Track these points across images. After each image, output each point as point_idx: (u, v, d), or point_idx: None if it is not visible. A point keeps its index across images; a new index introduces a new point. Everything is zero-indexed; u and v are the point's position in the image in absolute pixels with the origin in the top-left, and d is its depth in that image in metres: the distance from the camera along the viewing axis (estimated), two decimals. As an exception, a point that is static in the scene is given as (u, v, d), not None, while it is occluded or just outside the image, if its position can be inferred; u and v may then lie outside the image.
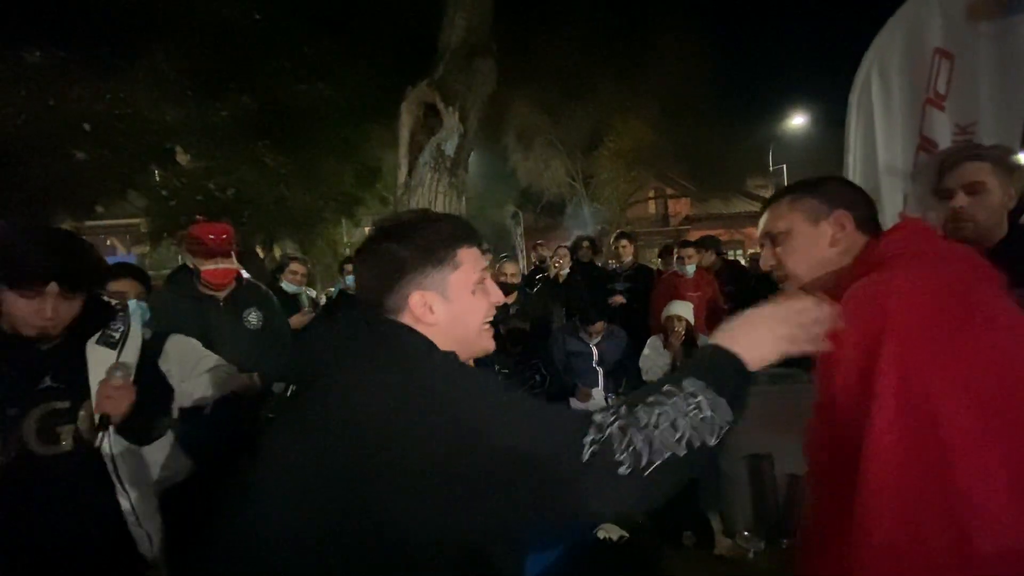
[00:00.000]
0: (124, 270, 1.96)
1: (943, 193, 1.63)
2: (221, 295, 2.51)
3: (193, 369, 2.09)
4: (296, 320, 3.30)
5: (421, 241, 0.84)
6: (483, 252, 0.91)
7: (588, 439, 0.66)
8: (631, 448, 0.65)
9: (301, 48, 6.80)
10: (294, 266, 3.86)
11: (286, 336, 2.81)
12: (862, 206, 1.03)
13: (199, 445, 2.06)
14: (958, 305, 0.82)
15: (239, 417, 2.23)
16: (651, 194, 22.02)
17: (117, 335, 1.48)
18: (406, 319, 0.84)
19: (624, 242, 4.72)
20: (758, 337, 0.78)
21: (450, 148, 5.52)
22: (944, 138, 2.63)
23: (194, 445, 2.05)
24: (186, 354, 2.09)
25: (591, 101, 14.62)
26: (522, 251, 16.88)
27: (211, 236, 2.44)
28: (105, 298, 1.58)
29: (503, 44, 7.20)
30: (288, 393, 0.87)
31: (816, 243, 1.02)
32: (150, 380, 1.59)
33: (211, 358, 2.15)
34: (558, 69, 13.24)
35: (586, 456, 0.65)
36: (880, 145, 2.79)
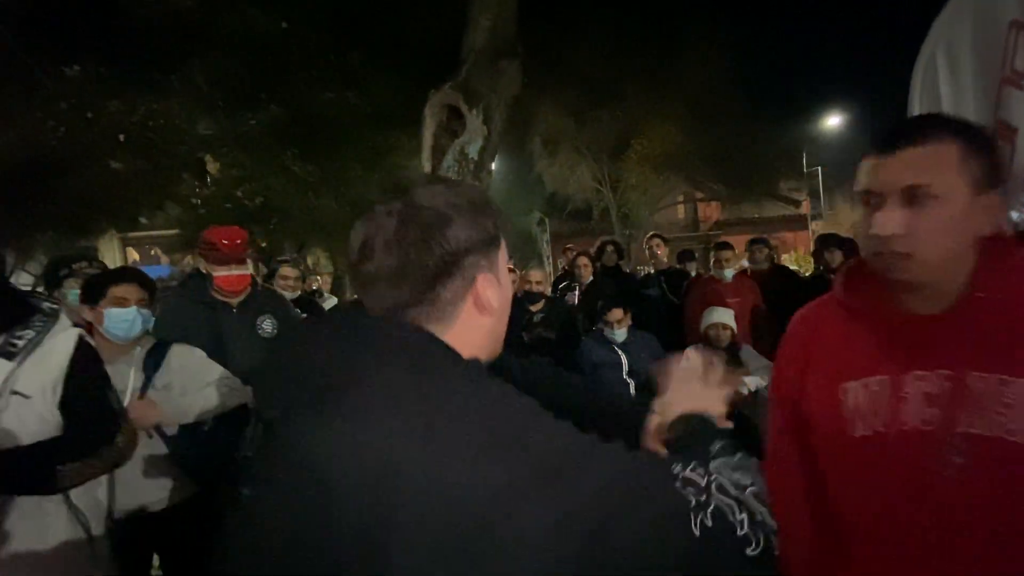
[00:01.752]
0: (128, 275, 1.86)
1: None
2: (235, 301, 2.41)
3: (194, 381, 1.98)
4: None
5: (477, 210, 0.68)
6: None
7: (691, 504, 0.54)
8: (752, 518, 0.55)
9: (327, 56, 6.84)
10: (285, 271, 3.56)
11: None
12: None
13: (199, 463, 1.95)
14: None
15: (241, 434, 2.11)
16: (680, 199, 21.53)
17: (21, 343, 1.20)
18: (466, 311, 0.67)
19: (657, 240, 4.52)
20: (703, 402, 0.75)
21: (473, 151, 5.41)
22: (1025, 122, 2.33)
23: (193, 463, 1.94)
24: (188, 365, 1.98)
25: (618, 105, 14.40)
26: (548, 257, 16.72)
27: (224, 241, 2.35)
28: (38, 298, 1.33)
29: (528, 48, 7.11)
30: (270, 421, 0.64)
31: (968, 225, 0.75)
32: (79, 408, 1.28)
33: (215, 370, 2.04)
34: (584, 73, 13.09)
35: (697, 529, 0.52)
36: (949, 132, 2.51)
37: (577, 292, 4.31)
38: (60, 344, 1.27)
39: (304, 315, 3.36)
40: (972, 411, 0.76)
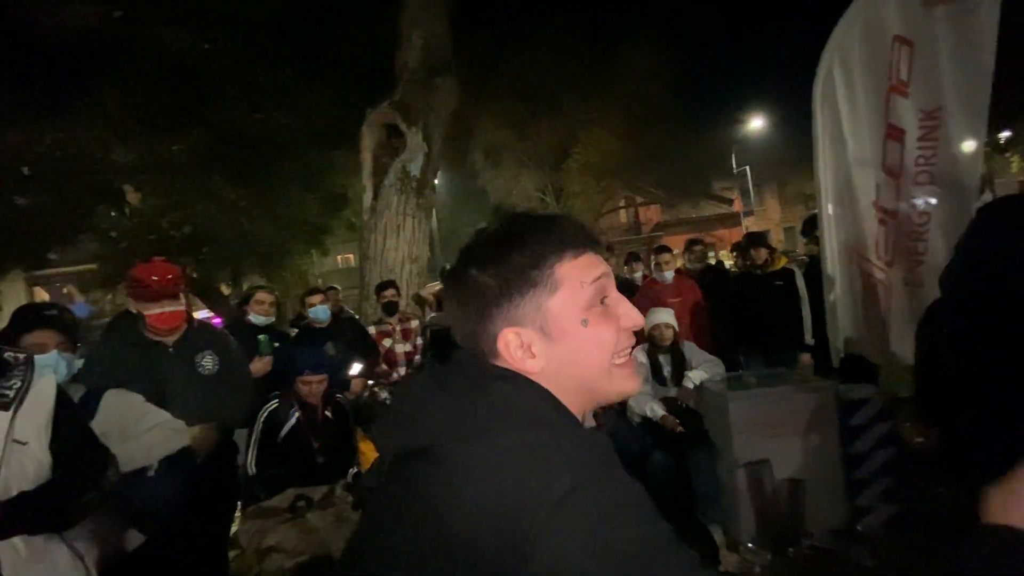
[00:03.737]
0: (41, 320, 1.74)
1: None
2: (170, 340, 2.29)
3: (134, 427, 1.87)
4: (256, 367, 2.93)
5: (506, 260, 0.62)
6: (601, 256, 0.67)
7: None
8: None
9: (255, 77, 6.61)
10: (260, 295, 3.48)
11: (246, 380, 2.60)
12: None
13: (146, 512, 1.84)
14: None
15: (191, 476, 2.01)
16: (622, 203, 22.27)
17: (12, 393, 1.28)
18: (503, 363, 0.63)
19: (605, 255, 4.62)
20: None
21: (415, 168, 5.41)
22: (911, 124, 2.62)
23: (140, 513, 1.83)
24: (125, 411, 1.88)
25: (557, 115, 14.76)
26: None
27: (154, 278, 2.23)
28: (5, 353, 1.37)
29: (465, 62, 7.18)
30: (392, 461, 0.66)
31: None
32: (72, 446, 1.39)
33: (155, 413, 1.94)
34: (522, 85, 13.36)
35: None
36: (848, 136, 2.77)
37: None
38: (44, 389, 1.36)
39: (275, 344, 3.20)
40: None
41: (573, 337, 0.62)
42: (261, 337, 3.08)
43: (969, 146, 2.56)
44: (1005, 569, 0.57)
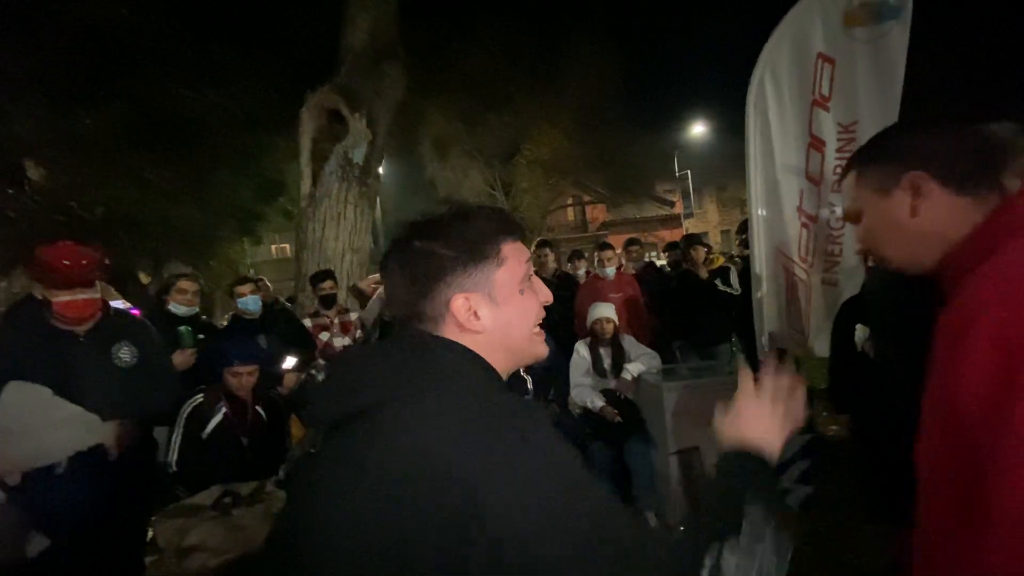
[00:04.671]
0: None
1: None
2: (81, 329, 2.10)
3: (40, 422, 1.71)
4: (178, 360, 2.76)
5: (460, 236, 0.72)
6: (526, 245, 0.79)
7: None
8: None
9: (184, 50, 6.12)
10: (183, 284, 3.24)
11: (167, 373, 2.43)
12: (948, 157, 0.79)
13: (53, 512, 1.69)
14: None
15: (104, 475, 1.86)
16: (569, 201, 22.61)
17: None
18: (448, 327, 0.72)
19: (546, 251, 4.63)
20: (767, 429, 0.77)
21: (358, 156, 5.23)
22: (830, 136, 2.82)
23: (44, 514, 1.68)
24: (30, 404, 1.72)
25: (507, 110, 14.74)
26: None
27: (66, 262, 2.03)
28: None
29: (415, 52, 6.99)
30: (327, 430, 0.69)
31: (893, 217, 0.83)
32: None
33: (64, 407, 1.79)
34: (473, 78, 13.24)
35: None
36: (776, 144, 2.95)
37: None
38: None
39: (199, 336, 3.01)
40: None
41: (513, 304, 0.74)
42: (182, 329, 2.88)
43: (880, 159, 2.78)
44: None
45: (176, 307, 3.17)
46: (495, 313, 0.72)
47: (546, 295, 0.80)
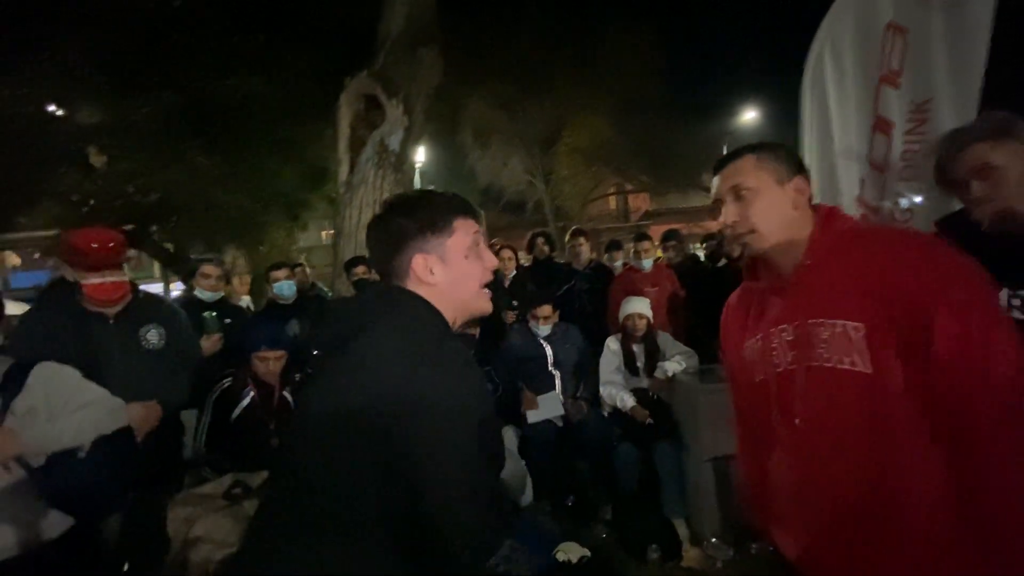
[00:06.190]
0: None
1: (956, 187, 1.45)
2: (111, 312, 2.15)
3: (65, 404, 1.74)
4: (206, 346, 2.78)
5: (422, 211, 0.96)
6: (478, 223, 1.01)
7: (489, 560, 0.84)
8: None
9: (229, 40, 6.26)
10: (206, 268, 3.28)
11: (193, 357, 2.46)
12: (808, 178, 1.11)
13: (74, 496, 1.72)
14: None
15: (128, 458, 1.89)
16: (611, 190, 22.10)
17: None
18: (410, 280, 0.95)
19: (580, 240, 4.44)
20: None
21: (394, 142, 5.21)
22: (900, 117, 2.53)
23: (67, 496, 1.71)
24: (56, 386, 1.75)
25: (548, 97, 14.50)
26: (484, 250, 16.59)
27: (94, 245, 2.08)
28: None
29: (456, 40, 6.90)
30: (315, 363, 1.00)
31: (782, 204, 1.08)
32: None
33: (90, 390, 1.81)
34: (513, 65, 13.07)
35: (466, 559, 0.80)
36: (835, 126, 2.68)
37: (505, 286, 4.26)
38: None
39: (226, 320, 3.05)
40: (810, 350, 1.06)
41: (459, 265, 0.96)
42: (206, 315, 2.91)
43: (957, 141, 2.48)
44: None
45: (201, 292, 3.23)
46: (446, 271, 0.94)
47: (491, 261, 1.01)
